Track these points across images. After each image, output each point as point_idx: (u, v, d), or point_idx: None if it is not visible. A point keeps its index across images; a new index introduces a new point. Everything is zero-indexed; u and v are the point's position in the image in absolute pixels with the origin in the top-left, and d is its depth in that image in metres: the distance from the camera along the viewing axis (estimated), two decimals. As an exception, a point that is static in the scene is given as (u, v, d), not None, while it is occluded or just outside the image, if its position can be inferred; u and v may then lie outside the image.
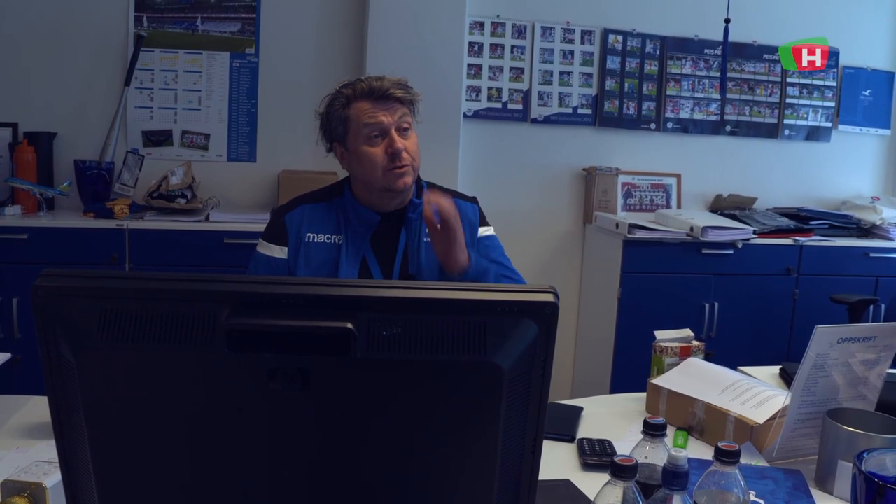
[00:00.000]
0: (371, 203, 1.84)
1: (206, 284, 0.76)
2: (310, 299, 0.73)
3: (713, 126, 4.08)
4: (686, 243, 3.55)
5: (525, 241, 3.88)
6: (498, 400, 0.75)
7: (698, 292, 3.60)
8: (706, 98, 4.05)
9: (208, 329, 0.75)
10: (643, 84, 3.97)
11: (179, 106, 3.61)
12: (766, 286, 3.66)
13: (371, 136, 1.79)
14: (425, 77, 3.36)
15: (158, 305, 0.76)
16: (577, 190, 3.96)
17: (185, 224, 3.20)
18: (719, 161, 4.10)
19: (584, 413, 1.77)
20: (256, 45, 3.63)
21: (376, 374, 0.75)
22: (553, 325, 0.74)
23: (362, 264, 1.81)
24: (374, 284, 0.75)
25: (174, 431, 0.79)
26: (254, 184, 3.67)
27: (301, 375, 0.74)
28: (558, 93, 3.88)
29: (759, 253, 3.64)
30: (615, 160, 3.94)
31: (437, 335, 0.74)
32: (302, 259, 1.81)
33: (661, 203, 3.99)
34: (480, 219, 1.96)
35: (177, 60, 3.58)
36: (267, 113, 3.66)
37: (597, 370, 3.72)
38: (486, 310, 0.74)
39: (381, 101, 1.79)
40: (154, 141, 3.60)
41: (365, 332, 0.73)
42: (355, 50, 3.65)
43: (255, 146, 3.67)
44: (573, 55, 3.88)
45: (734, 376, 1.75)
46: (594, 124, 3.94)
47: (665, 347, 1.88)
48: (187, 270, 3.50)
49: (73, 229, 3.12)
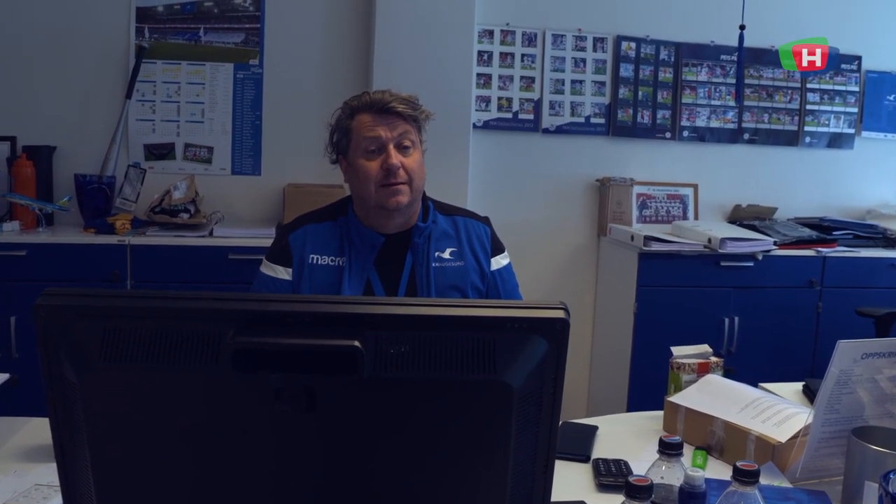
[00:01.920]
0: (371, 223, 1.84)
1: (210, 303, 0.77)
2: (316, 317, 0.74)
3: (731, 134, 4.08)
4: (704, 256, 3.55)
5: (537, 255, 3.89)
6: (508, 419, 0.76)
7: (717, 306, 3.59)
8: (723, 106, 4.06)
9: (213, 348, 0.76)
10: (658, 92, 3.99)
11: (182, 118, 3.64)
12: (788, 299, 3.65)
13: (368, 150, 1.80)
14: (434, 87, 3.39)
15: (162, 324, 0.77)
16: (591, 201, 3.97)
17: (188, 240, 3.22)
18: (737, 170, 4.10)
19: (599, 432, 1.77)
20: (261, 55, 3.66)
21: (384, 393, 0.76)
22: (564, 342, 0.75)
23: (366, 287, 1.81)
24: (382, 301, 0.76)
25: (178, 453, 0.80)
26: (258, 198, 3.69)
27: (308, 395, 0.75)
28: (570, 102, 3.89)
29: (781, 265, 3.63)
30: (630, 170, 3.95)
31: (445, 353, 0.75)
32: (306, 281, 1.81)
33: (678, 214, 3.99)
34: (493, 243, 1.94)
35: (179, 72, 3.62)
36: (272, 125, 3.69)
37: (612, 388, 3.72)
38: (494, 326, 0.75)
39: (382, 114, 1.80)
40: (156, 154, 3.63)
41: (372, 350, 0.74)
42: (361, 60, 3.68)
43: (259, 159, 3.69)
44: (585, 63, 3.90)
45: (755, 393, 1.75)
46: (607, 134, 3.95)
47: (682, 364, 1.88)
48: (191, 287, 3.50)
49: (74, 245, 3.14)
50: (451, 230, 1.90)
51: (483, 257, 1.91)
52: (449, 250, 1.87)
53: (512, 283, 1.97)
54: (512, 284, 1.97)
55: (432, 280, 1.83)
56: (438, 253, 1.87)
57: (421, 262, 1.84)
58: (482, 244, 1.92)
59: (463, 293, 1.87)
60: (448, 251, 1.87)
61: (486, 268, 1.91)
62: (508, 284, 1.95)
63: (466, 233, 1.92)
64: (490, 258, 1.93)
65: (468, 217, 1.95)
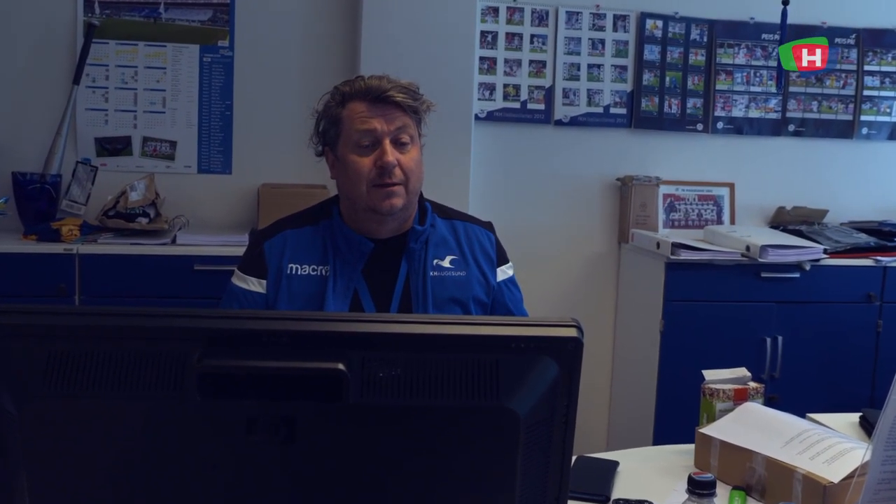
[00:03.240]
0: (360, 226, 1.85)
1: (173, 320, 0.78)
2: (295, 336, 0.75)
3: (773, 126, 4.10)
4: (742, 266, 3.56)
5: (548, 265, 3.89)
6: (514, 451, 0.77)
7: (757, 324, 3.59)
8: (764, 93, 4.07)
9: (177, 372, 0.76)
10: (688, 77, 4.00)
11: (140, 108, 3.65)
12: (842, 316, 3.65)
13: (361, 144, 1.81)
14: (430, 73, 3.39)
15: (116, 346, 0.78)
16: (611, 203, 3.98)
17: (146, 248, 3.23)
18: (781, 167, 4.11)
19: (620, 468, 1.78)
20: (231, 36, 3.67)
21: (373, 423, 0.77)
22: (576, 364, 0.76)
23: (353, 299, 1.82)
24: (370, 319, 0.77)
25: (135, 496, 0.80)
26: (229, 200, 3.70)
27: (286, 425, 0.76)
28: (587, 89, 3.91)
29: (832, 276, 3.63)
30: (655, 168, 3.96)
31: (442, 377, 0.75)
32: (283, 294, 1.82)
33: (711, 218, 4.00)
34: (499, 252, 1.96)
35: (136, 54, 3.63)
36: (244, 116, 3.70)
37: (636, 417, 3.72)
38: (498, 347, 0.76)
39: (378, 103, 1.81)
40: (109, 149, 3.64)
41: (360, 373, 0.75)
42: (348, 41, 3.69)
43: (230, 155, 3.70)
44: (604, 45, 3.92)
45: (802, 425, 1.75)
46: (629, 126, 3.96)
47: (716, 390, 1.88)
48: (150, 303, 3.49)
49: (12, 255, 3.14)
50: (450, 236, 1.92)
51: (488, 267, 1.92)
52: (449, 258, 1.88)
53: (518, 297, 1.99)
54: (518, 299, 1.98)
55: (429, 291, 1.84)
56: (437, 261, 1.88)
57: (417, 270, 1.85)
58: (486, 253, 1.93)
59: (464, 307, 1.88)
60: (448, 259, 1.88)
61: (492, 279, 1.92)
62: (515, 299, 1.97)
63: (468, 239, 1.93)
64: (496, 268, 1.94)
65: (469, 222, 1.97)
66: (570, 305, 3.91)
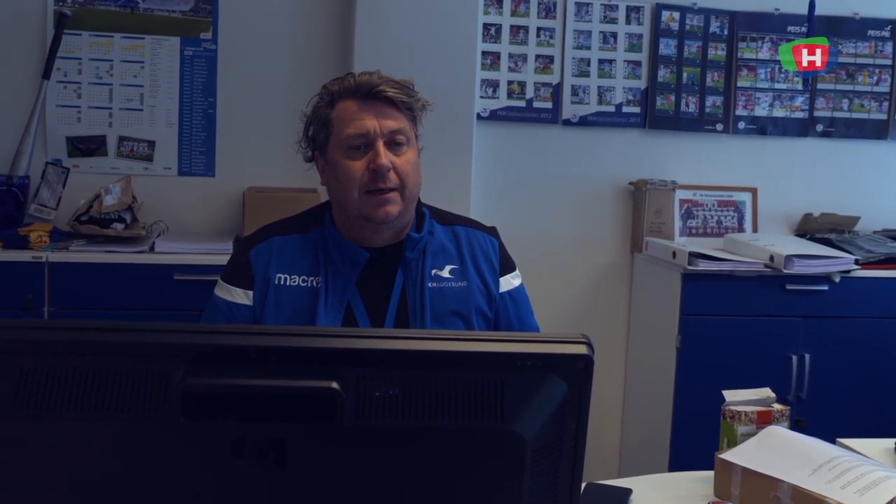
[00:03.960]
0: (354, 235, 1.86)
1: (153, 335, 0.79)
2: (286, 353, 0.76)
3: (799, 126, 4.10)
4: (765, 277, 3.56)
5: (555, 276, 3.89)
6: (519, 478, 0.77)
7: (782, 341, 3.59)
8: (790, 90, 4.08)
9: (158, 391, 0.77)
10: (707, 73, 4.01)
11: (115, 105, 3.66)
12: (875, 332, 3.64)
13: (352, 147, 1.81)
14: (429, 69, 3.40)
15: (92, 363, 0.78)
16: (623, 210, 3.98)
17: (122, 256, 3.23)
18: (808, 170, 4.11)
19: (633, 497, 1.78)
20: (214, 27, 3.68)
21: (369, 446, 0.77)
22: (587, 384, 0.77)
23: (346, 313, 1.83)
24: (366, 334, 0.78)
25: (114, 520, 0.80)
26: (212, 204, 3.70)
27: (275, 448, 0.76)
28: (597, 87, 3.92)
29: (865, 289, 3.63)
30: (671, 171, 3.97)
31: (442, 397, 0.76)
32: (271, 306, 1.83)
33: (732, 226, 4.01)
34: (503, 260, 1.96)
35: (111, 47, 3.63)
36: (229, 115, 3.70)
37: (650, 441, 3.72)
38: (502, 364, 0.76)
39: (369, 101, 1.81)
40: (83, 150, 3.65)
41: (354, 393, 0.75)
42: (340, 35, 3.70)
43: (213, 157, 3.71)
44: (616, 38, 3.93)
45: (832, 451, 1.75)
46: (643, 126, 3.97)
47: (738, 412, 1.89)
48: (128, 317, 3.47)
49: (-23, 264, 3.15)
50: (450, 243, 1.92)
51: (490, 276, 1.93)
52: (449, 268, 1.89)
53: (526, 308, 1.99)
54: (526, 310, 1.99)
55: (427, 304, 1.84)
56: (436, 271, 1.88)
57: (414, 281, 1.86)
58: (489, 260, 1.94)
59: (466, 321, 1.88)
60: (448, 269, 1.89)
61: (494, 289, 1.92)
62: (522, 310, 1.97)
63: (469, 246, 1.93)
64: (499, 277, 1.94)
65: (471, 227, 1.97)
66: (578, 320, 3.91)
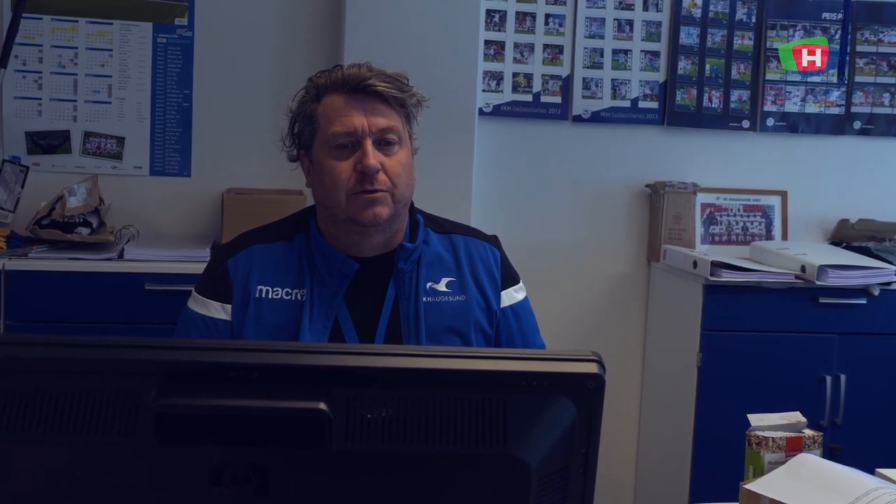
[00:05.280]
0: (342, 242, 1.87)
1: (124, 351, 0.79)
2: (269, 371, 0.76)
3: (835, 122, 4.10)
4: (796, 290, 3.56)
5: (563, 288, 3.89)
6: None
7: (814, 359, 3.59)
8: (824, 83, 4.08)
9: (129, 413, 0.77)
10: (732, 65, 4.02)
11: (81, 97, 3.66)
12: (917, 351, 3.66)
13: (338, 145, 1.82)
14: (425, 59, 3.41)
15: (54, 381, 0.78)
16: (639, 214, 3.98)
17: (88, 263, 3.23)
18: (844, 172, 4.12)
19: (649, 531, 1.79)
20: (191, 12, 3.68)
21: (359, 473, 0.77)
22: (597, 406, 0.77)
23: (333, 329, 1.84)
24: (356, 350, 0.78)
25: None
26: (187, 208, 3.70)
27: (257, 475, 0.76)
28: (611, 79, 3.92)
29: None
30: (692, 172, 3.97)
31: (439, 419, 0.76)
32: (251, 321, 1.84)
33: (759, 233, 4.01)
34: (505, 271, 1.97)
35: (76, 33, 3.63)
36: (206, 109, 3.70)
37: (668, 469, 3.72)
38: (506, 384, 0.76)
39: (357, 95, 1.82)
40: (44, 146, 3.65)
41: (344, 414, 0.75)
42: (329, 21, 3.70)
43: (188, 155, 3.71)
44: (632, 26, 3.93)
45: (869, 482, 1.75)
46: (662, 123, 3.97)
47: (765, 439, 1.89)
48: (94, 330, 3.45)
49: (-71, 272, 3.15)
50: (447, 253, 1.93)
51: (491, 290, 1.93)
52: (445, 280, 1.90)
53: (530, 324, 2.00)
54: (530, 326, 1.99)
55: (422, 320, 1.85)
56: (431, 283, 1.89)
57: (407, 295, 1.86)
58: (489, 272, 1.94)
59: (464, 338, 1.89)
60: (444, 281, 1.90)
61: (495, 304, 1.93)
62: (526, 327, 1.97)
63: (468, 256, 1.94)
64: (500, 291, 1.95)
65: (470, 236, 1.98)
66: (589, 336, 3.91)
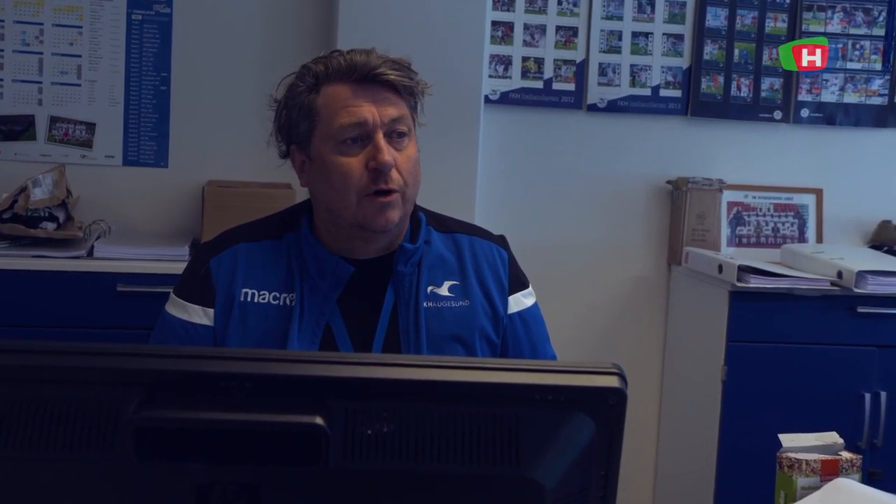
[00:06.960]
0: (339, 244, 1.87)
1: (100, 359, 0.79)
2: (261, 381, 0.76)
3: (877, 114, 4.10)
4: (832, 297, 3.56)
5: (577, 293, 3.90)
6: (537, 534, 0.78)
7: (852, 374, 3.59)
8: (865, 71, 4.08)
9: (106, 427, 0.77)
10: (763, 50, 4.02)
11: (46, 79, 3.65)
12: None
13: (345, 140, 1.81)
14: (427, 42, 3.41)
15: (24, 391, 0.79)
16: (659, 213, 3.98)
17: (54, 262, 3.23)
18: (885, 169, 4.12)
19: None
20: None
21: (357, 493, 0.78)
22: (619, 423, 0.77)
23: (325, 337, 1.84)
24: (355, 360, 0.78)
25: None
26: (164, 201, 3.70)
27: (247, 495, 0.77)
28: (630, 65, 3.92)
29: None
30: (717, 168, 3.97)
31: (445, 436, 0.76)
32: (235, 328, 1.84)
33: (791, 234, 4.01)
34: (513, 274, 1.97)
35: (41, 7, 3.62)
36: (186, 93, 3.70)
37: (690, 492, 3.72)
38: (518, 399, 0.77)
39: (365, 85, 1.82)
40: (5, 132, 3.64)
41: (341, 429, 0.76)
42: (323, 2, 3.72)
43: (166, 143, 3.71)
44: (653, 7, 3.93)
45: (912, 509, 1.76)
46: (685, 113, 3.98)
47: (798, 461, 1.89)
48: (60, 335, 3.46)
49: None
50: (450, 254, 1.93)
51: (497, 294, 1.94)
52: (448, 284, 1.90)
53: (539, 332, 2.00)
54: (539, 335, 2.00)
55: (423, 327, 1.86)
56: (433, 288, 1.89)
57: (407, 300, 1.87)
58: (496, 275, 1.95)
59: (468, 347, 1.90)
60: (447, 285, 1.90)
61: (502, 310, 1.94)
62: (535, 335, 1.98)
63: (473, 258, 1.94)
64: (507, 296, 1.95)
65: (475, 236, 1.98)
66: (604, 346, 3.92)
